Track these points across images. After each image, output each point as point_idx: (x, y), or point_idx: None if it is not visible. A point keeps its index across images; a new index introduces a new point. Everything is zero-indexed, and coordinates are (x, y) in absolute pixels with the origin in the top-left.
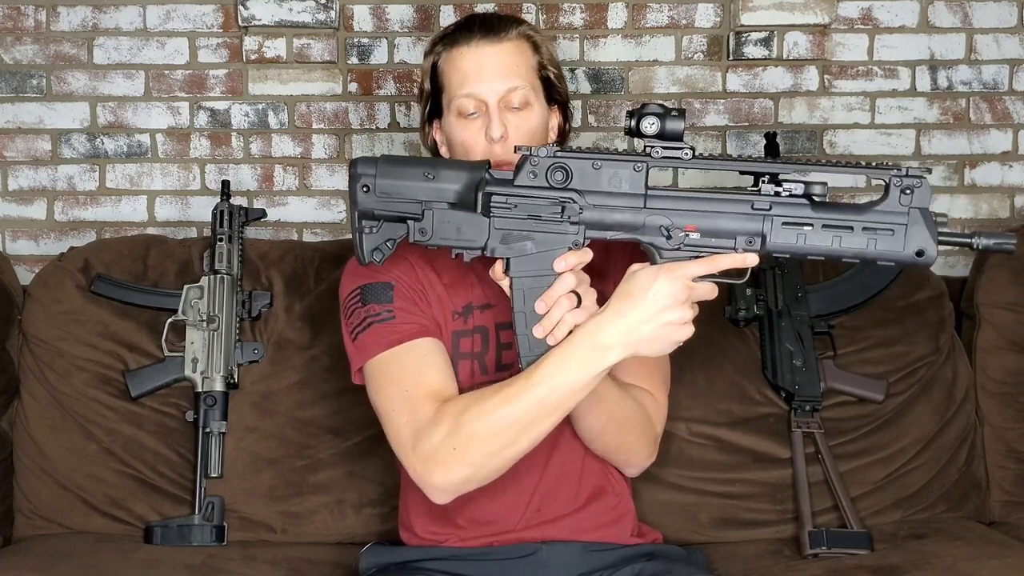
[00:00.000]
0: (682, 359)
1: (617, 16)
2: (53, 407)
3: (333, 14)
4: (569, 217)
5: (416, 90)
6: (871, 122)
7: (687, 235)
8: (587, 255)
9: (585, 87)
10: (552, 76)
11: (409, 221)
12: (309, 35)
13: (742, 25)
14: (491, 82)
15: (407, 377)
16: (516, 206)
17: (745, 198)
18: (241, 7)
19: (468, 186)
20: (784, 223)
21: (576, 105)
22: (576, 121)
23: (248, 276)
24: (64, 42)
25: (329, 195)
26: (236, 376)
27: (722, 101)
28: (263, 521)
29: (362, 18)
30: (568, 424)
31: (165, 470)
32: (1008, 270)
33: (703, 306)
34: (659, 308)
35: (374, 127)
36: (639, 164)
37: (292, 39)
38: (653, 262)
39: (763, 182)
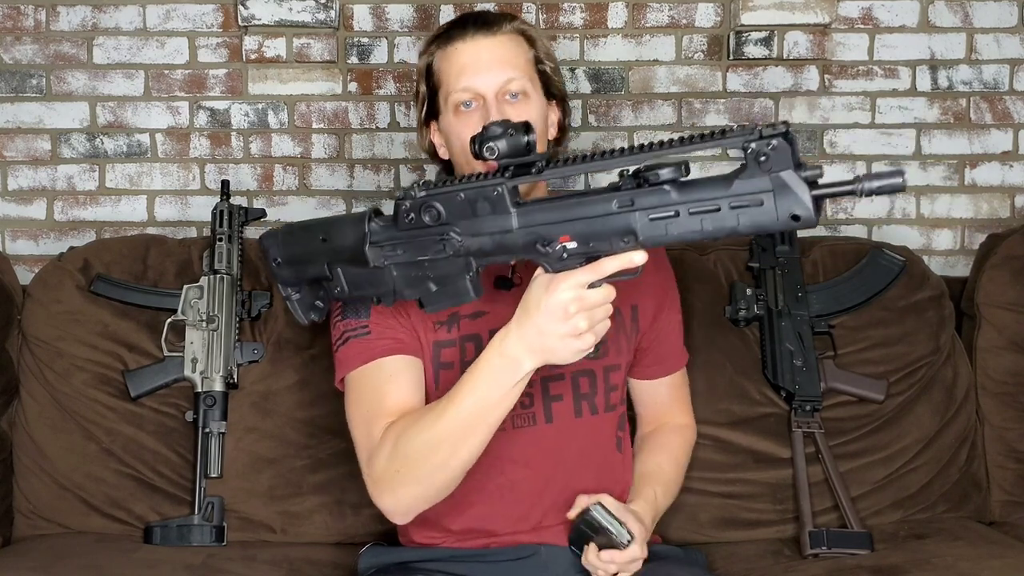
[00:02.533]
0: None
1: (617, 16)
2: (53, 407)
3: (333, 14)
4: (454, 251)
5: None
6: (871, 122)
7: (564, 246)
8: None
9: (585, 87)
10: (548, 70)
11: (323, 282)
12: (309, 35)
13: (742, 25)
14: (488, 74)
15: (371, 397)
16: (403, 251)
17: (607, 196)
18: (241, 7)
19: (356, 242)
20: (651, 217)
21: (576, 105)
22: (576, 121)
23: (248, 276)
24: (64, 42)
25: (329, 195)
26: (236, 376)
27: (722, 101)
28: (263, 521)
29: (362, 18)
30: (572, 442)
31: (165, 470)
32: (1008, 270)
33: (704, 307)
34: (552, 320)
35: (374, 127)
36: (493, 189)
37: (292, 39)
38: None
39: (625, 174)
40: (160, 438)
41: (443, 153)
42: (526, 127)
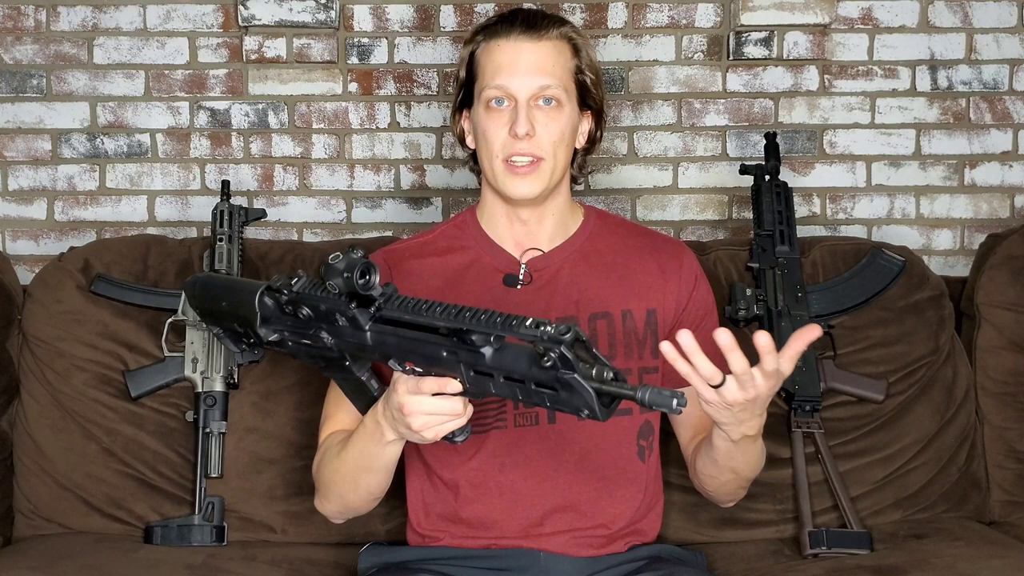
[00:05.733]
0: None
1: (617, 16)
2: (53, 407)
3: (333, 14)
4: (327, 346)
5: (416, 90)
6: (871, 122)
7: (412, 368)
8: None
9: None
10: (589, 81)
11: (239, 333)
12: (309, 35)
13: (742, 25)
14: (524, 77)
15: (330, 405)
16: (290, 333)
17: (439, 342)
18: (241, 7)
19: (249, 316)
20: (474, 371)
21: None
22: None
23: (248, 276)
24: (64, 42)
25: (329, 195)
26: (236, 376)
27: (722, 101)
28: (263, 521)
29: (362, 18)
30: (575, 443)
31: (165, 470)
32: (1008, 270)
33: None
34: (392, 410)
35: (374, 127)
36: (347, 310)
37: (292, 39)
38: None
39: (449, 330)
40: (160, 438)
41: (471, 143)
42: (365, 267)
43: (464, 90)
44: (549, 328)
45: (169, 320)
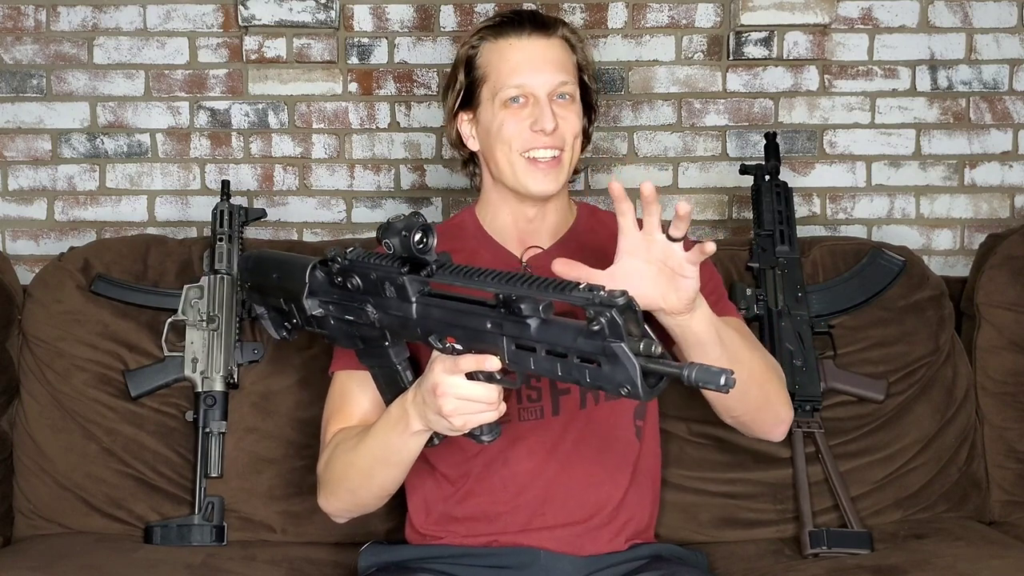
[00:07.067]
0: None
1: (617, 16)
2: (53, 407)
3: (333, 14)
4: (370, 322)
5: (416, 90)
6: (871, 122)
7: (452, 346)
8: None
9: None
10: (587, 78)
11: (283, 311)
12: (309, 35)
13: (742, 25)
14: (543, 74)
15: (338, 398)
16: (335, 308)
17: (484, 313)
18: (241, 7)
19: (298, 289)
20: (516, 344)
21: None
22: None
23: None
24: (64, 42)
25: (329, 195)
26: (236, 376)
27: (722, 101)
28: (263, 521)
29: (362, 18)
30: (577, 432)
31: (165, 470)
32: (1008, 270)
33: None
34: (426, 394)
35: (374, 127)
36: (397, 277)
37: (292, 39)
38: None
39: (498, 299)
40: (160, 438)
41: (472, 145)
42: (424, 229)
43: (465, 92)
44: (603, 292)
45: (169, 320)
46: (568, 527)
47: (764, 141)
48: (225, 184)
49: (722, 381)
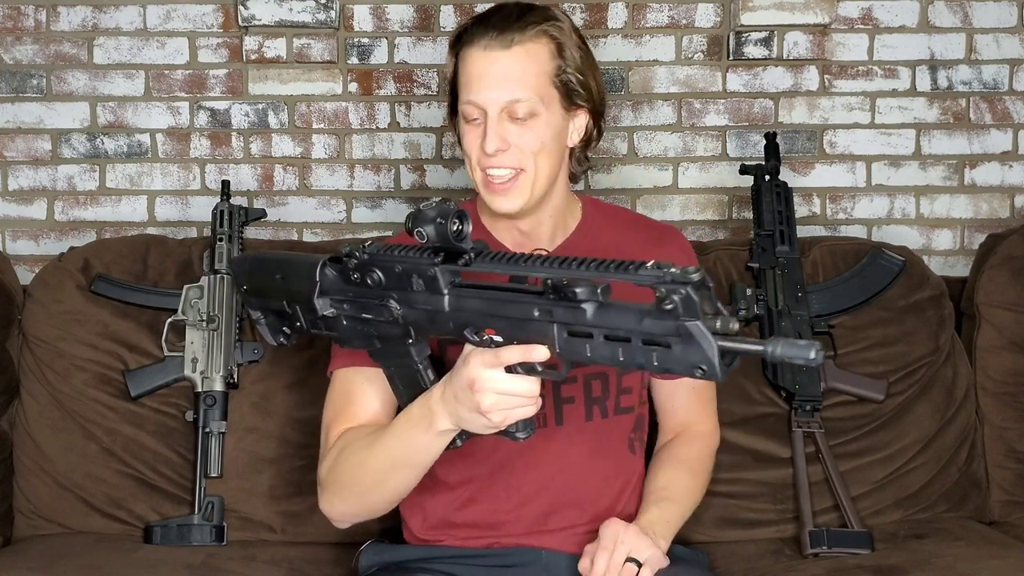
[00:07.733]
0: None
1: (617, 16)
2: (53, 407)
3: (333, 14)
4: (393, 318)
5: (416, 90)
6: (871, 122)
7: (491, 338)
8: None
9: None
10: (574, 80)
11: (285, 314)
12: (309, 35)
13: (742, 25)
14: (492, 92)
15: (340, 399)
16: (349, 307)
17: (531, 300)
18: (241, 7)
19: (308, 289)
20: (569, 332)
21: None
22: None
23: None
24: (64, 42)
25: (329, 195)
26: (236, 376)
27: (722, 101)
28: (263, 521)
29: (362, 18)
30: (581, 444)
31: (165, 470)
32: (1008, 270)
33: None
34: (460, 390)
35: (374, 127)
36: (428, 268)
37: (292, 39)
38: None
39: (548, 284)
40: (160, 438)
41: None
42: (460, 215)
43: (451, 96)
44: (674, 269)
45: (169, 320)
46: (570, 529)
47: (764, 141)
48: (225, 184)
49: (811, 354)
